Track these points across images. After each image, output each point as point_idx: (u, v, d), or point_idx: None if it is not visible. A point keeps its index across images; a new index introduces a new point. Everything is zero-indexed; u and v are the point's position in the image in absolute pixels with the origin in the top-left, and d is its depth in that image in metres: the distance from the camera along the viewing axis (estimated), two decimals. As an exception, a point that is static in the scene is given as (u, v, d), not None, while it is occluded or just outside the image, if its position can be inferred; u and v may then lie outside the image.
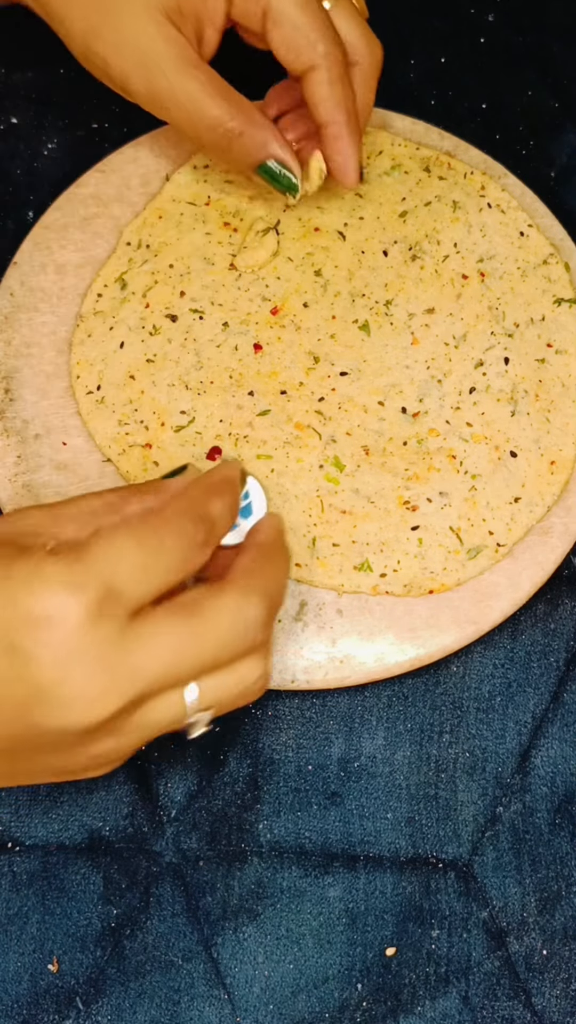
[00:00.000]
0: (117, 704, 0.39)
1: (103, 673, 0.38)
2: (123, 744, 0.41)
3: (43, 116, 0.63)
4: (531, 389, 0.56)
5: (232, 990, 0.48)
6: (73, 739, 0.40)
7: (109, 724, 0.39)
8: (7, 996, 0.48)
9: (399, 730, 0.52)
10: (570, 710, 0.53)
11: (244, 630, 0.41)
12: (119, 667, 0.39)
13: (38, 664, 0.38)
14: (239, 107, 0.51)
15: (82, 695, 0.38)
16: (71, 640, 0.38)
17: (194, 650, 0.40)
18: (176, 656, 0.40)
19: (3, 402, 0.55)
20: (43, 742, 0.40)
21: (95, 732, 0.40)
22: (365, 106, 0.55)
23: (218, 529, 0.42)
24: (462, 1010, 0.48)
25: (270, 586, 0.42)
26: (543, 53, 0.66)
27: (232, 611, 0.41)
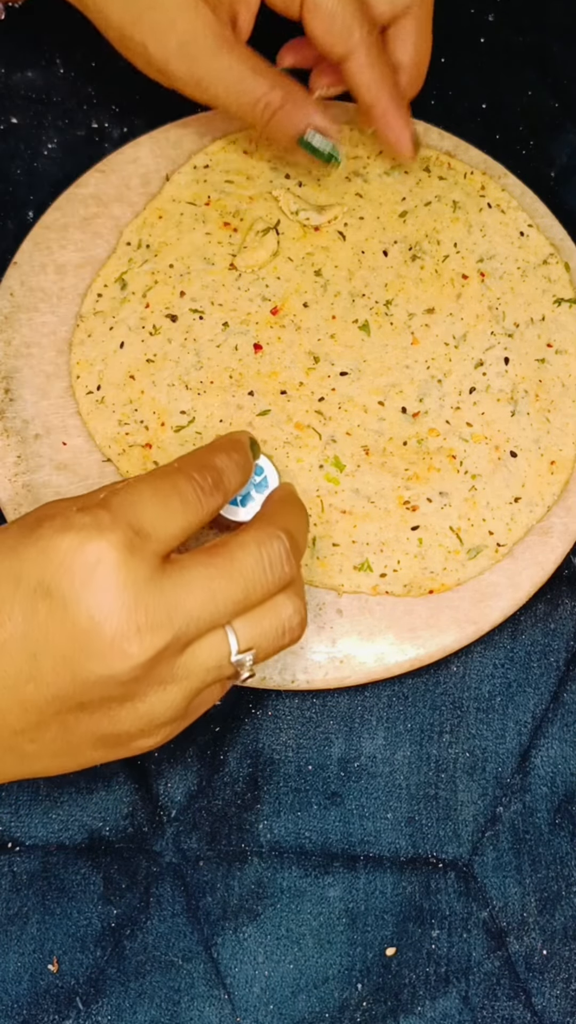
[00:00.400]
0: (158, 642, 0.39)
1: (141, 611, 0.39)
2: (170, 698, 0.41)
3: (43, 116, 0.63)
4: (531, 389, 0.56)
5: (232, 990, 0.48)
6: (119, 690, 0.40)
7: (153, 669, 0.40)
8: (7, 996, 0.48)
9: (399, 730, 0.52)
10: (570, 710, 0.53)
11: (270, 563, 0.42)
12: (156, 605, 0.40)
13: (76, 606, 0.39)
14: (279, 81, 0.53)
15: (123, 634, 0.39)
16: (107, 580, 0.39)
17: (226, 586, 0.41)
18: (210, 593, 0.41)
19: (3, 402, 0.55)
20: (90, 698, 0.40)
21: (140, 679, 0.40)
22: (423, 54, 0.56)
23: (226, 478, 0.44)
24: (462, 1010, 0.48)
25: (289, 524, 0.44)
26: (543, 53, 0.66)
27: (255, 546, 0.42)
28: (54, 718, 0.40)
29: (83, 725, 0.41)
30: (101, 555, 0.39)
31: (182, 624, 0.40)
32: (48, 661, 0.39)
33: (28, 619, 0.39)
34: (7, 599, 0.40)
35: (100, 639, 0.39)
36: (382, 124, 0.55)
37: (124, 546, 0.39)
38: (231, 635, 0.42)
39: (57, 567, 0.39)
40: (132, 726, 0.41)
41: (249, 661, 0.43)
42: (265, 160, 0.60)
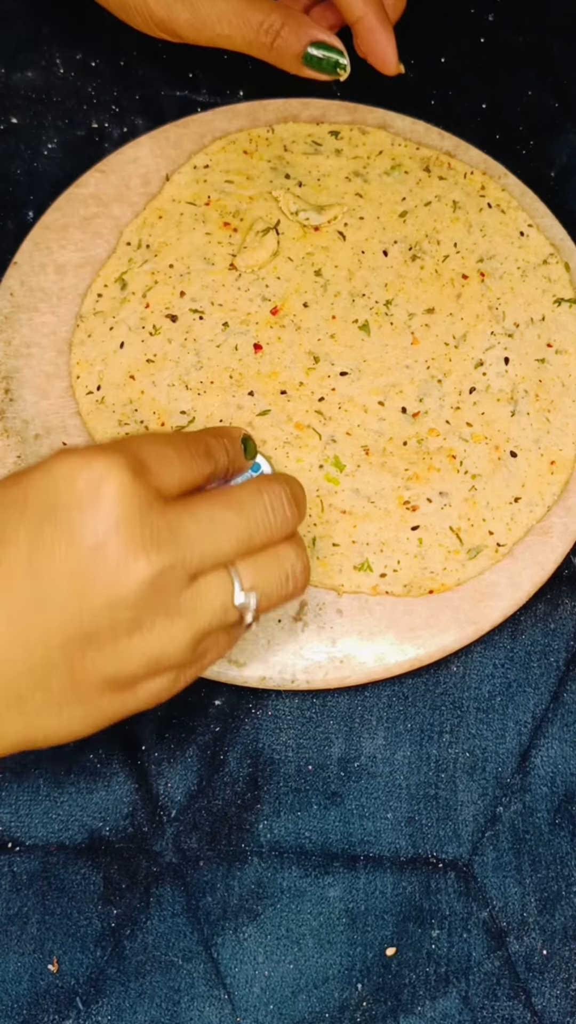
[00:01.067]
0: (163, 560, 0.40)
1: (146, 529, 0.40)
2: (177, 634, 0.41)
3: (43, 116, 0.63)
4: (531, 389, 0.56)
5: (232, 990, 0.48)
6: (126, 615, 0.40)
7: (158, 593, 0.40)
8: (7, 996, 0.48)
9: (399, 730, 0.52)
10: (570, 710, 0.53)
11: (272, 505, 0.43)
12: (160, 526, 0.40)
13: (81, 525, 0.39)
14: (274, 6, 0.55)
15: (128, 550, 0.39)
16: (111, 497, 0.39)
17: (229, 519, 0.42)
18: (212, 524, 0.41)
19: (3, 402, 0.55)
20: (97, 627, 0.39)
21: (146, 602, 0.40)
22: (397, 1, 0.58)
23: (215, 454, 0.45)
24: (462, 1010, 0.48)
25: (287, 479, 0.45)
26: (543, 53, 0.66)
27: (257, 489, 0.44)
28: (60, 655, 0.40)
29: (89, 663, 0.40)
30: (105, 474, 0.40)
31: (186, 547, 0.41)
32: (54, 585, 0.39)
33: (33, 543, 0.39)
34: (12, 525, 0.40)
35: (105, 557, 0.39)
36: (368, 39, 0.56)
37: (128, 466, 0.40)
38: (234, 575, 0.42)
39: (61, 487, 0.40)
40: (139, 664, 0.41)
41: (253, 604, 0.43)
42: (265, 160, 0.60)
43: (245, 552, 0.43)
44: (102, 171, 0.60)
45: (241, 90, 0.63)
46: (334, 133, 0.60)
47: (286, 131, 0.61)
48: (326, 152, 0.60)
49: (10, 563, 0.39)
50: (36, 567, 0.39)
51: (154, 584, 0.40)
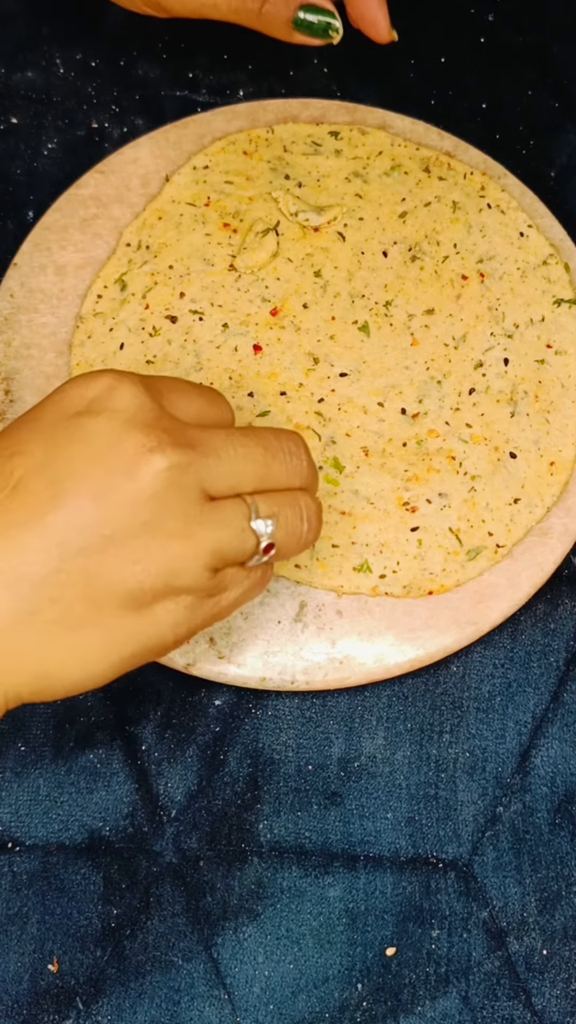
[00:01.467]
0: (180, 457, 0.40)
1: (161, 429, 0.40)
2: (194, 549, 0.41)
3: (43, 116, 0.63)
4: (531, 390, 0.56)
5: (232, 990, 0.48)
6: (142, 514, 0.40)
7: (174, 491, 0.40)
8: (7, 996, 0.48)
9: (399, 730, 0.52)
10: (570, 710, 0.53)
11: (288, 449, 0.44)
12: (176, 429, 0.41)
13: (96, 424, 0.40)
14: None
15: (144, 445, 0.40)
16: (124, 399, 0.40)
17: (246, 443, 0.42)
18: (230, 443, 0.42)
19: (3, 403, 0.55)
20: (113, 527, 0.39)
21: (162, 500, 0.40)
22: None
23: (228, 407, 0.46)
24: (462, 1010, 0.48)
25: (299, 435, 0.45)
26: (543, 53, 0.66)
27: (275, 433, 0.44)
28: (76, 560, 0.39)
29: (106, 572, 0.39)
30: (117, 383, 0.40)
31: (203, 457, 0.41)
32: (70, 484, 0.39)
33: (48, 449, 0.40)
34: (26, 438, 0.40)
35: (120, 453, 0.39)
36: (360, 5, 0.55)
37: (140, 381, 0.41)
38: (250, 501, 0.42)
39: (73, 396, 0.40)
40: (155, 574, 0.40)
41: (269, 529, 0.43)
42: (265, 161, 0.60)
43: (261, 487, 0.43)
44: (102, 172, 0.60)
45: (241, 90, 0.63)
46: (334, 133, 0.60)
47: (286, 132, 0.61)
48: (326, 153, 0.60)
49: (25, 470, 0.39)
50: (51, 471, 0.39)
51: (170, 478, 0.40)
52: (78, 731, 0.51)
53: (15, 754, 0.51)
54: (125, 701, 0.52)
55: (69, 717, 0.52)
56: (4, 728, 0.51)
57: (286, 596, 0.52)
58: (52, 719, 0.52)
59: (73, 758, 0.51)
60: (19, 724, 0.51)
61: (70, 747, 0.51)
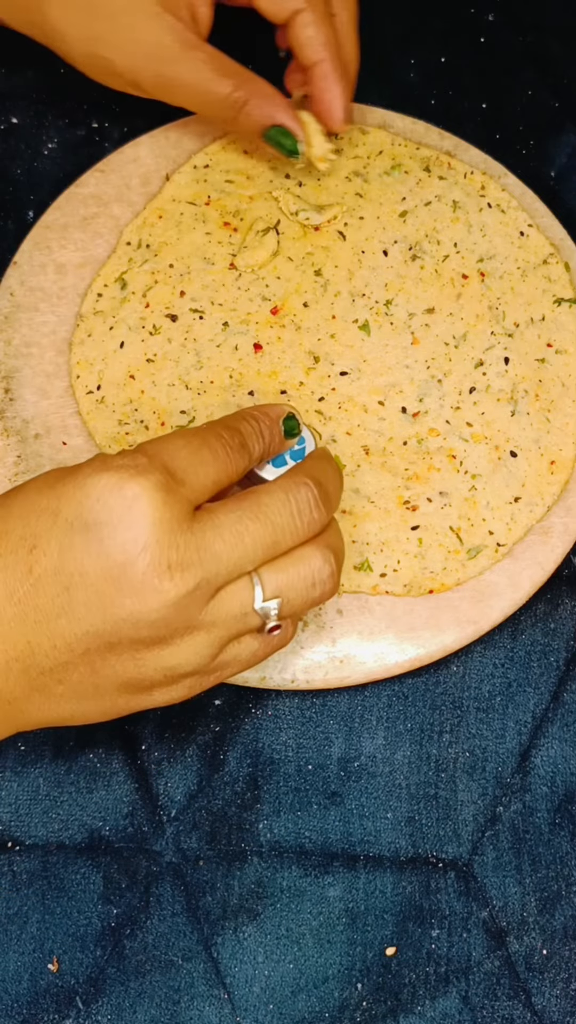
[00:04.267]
0: (189, 582, 0.41)
1: (173, 549, 0.40)
2: (196, 647, 0.42)
3: (43, 116, 0.63)
4: (531, 389, 0.56)
5: (232, 990, 0.48)
6: (147, 631, 0.41)
7: (182, 611, 0.41)
8: (7, 996, 0.48)
9: (399, 730, 0.52)
10: (570, 710, 0.53)
11: (297, 508, 0.44)
12: (188, 545, 0.41)
13: (111, 541, 0.40)
14: (243, 79, 0.54)
15: (155, 570, 0.40)
16: (143, 516, 0.40)
17: (254, 529, 0.42)
18: (238, 536, 0.42)
19: (3, 402, 0.55)
20: (119, 638, 0.41)
21: (169, 620, 0.41)
22: (352, 54, 0.57)
23: (250, 445, 0.45)
24: (462, 1010, 0.48)
25: (318, 475, 0.45)
26: (543, 53, 0.66)
27: (283, 492, 0.44)
28: (82, 658, 0.41)
29: (109, 667, 0.42)
30: (139, 493, 0.40)
31: (211, 566, 0.41)
32: (81, 595, 0.40)
33: (63, 553, 0.40)
34: (44, 533, 0.41)
35: (133, 574, 0.40)
36: (319, 87, 0.55)
37: (160, 486, 0.41)
38: (256, 582, 0.43)
39: (95, 502, 0.40)
40: (156, 672, 0.42)
41: (274, 610, 0.43)
42: (265, 160, 0.60)
43: (270, 557, 0.43)
44: (102, 171, 0.60)
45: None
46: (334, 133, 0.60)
47: (286, 131, 0.61)
48: (326, 152, 0.60)
49: (40, 570, 0.41)
50: (65, 577, 0.40)
51: (178, 604, 0.41)
52: (78, 731, 0.51)
53: (15, 753, 0.51)
54: (125, 700, 0.52)
55: (69, 716, 0.52)
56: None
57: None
58: (52, 718, 0.52)
59: (73, 757, 0.51)
60: (19, 723, 0.51)
61: (70, 747, 0.51)
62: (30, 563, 0.41)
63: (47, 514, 0.41)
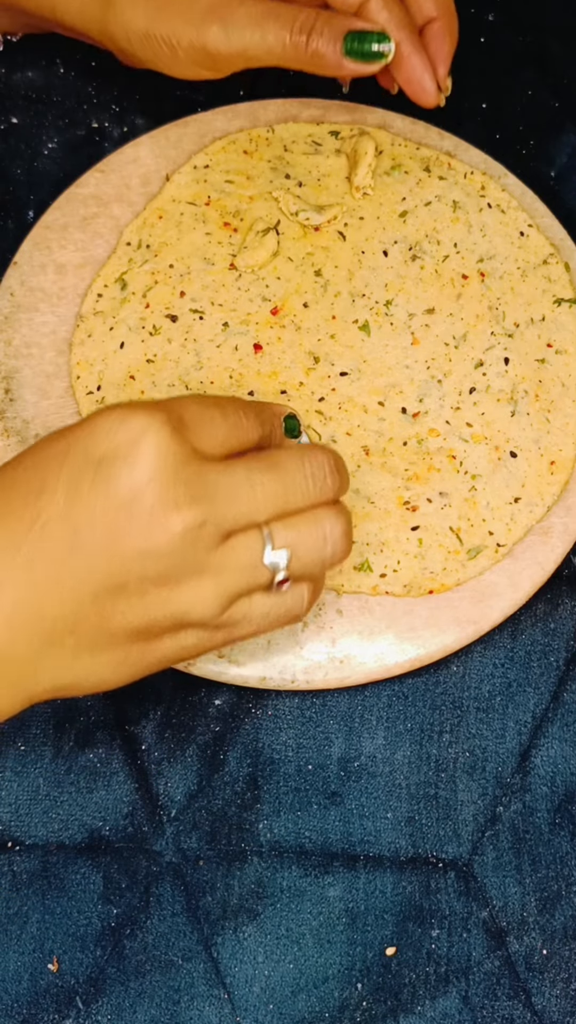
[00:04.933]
0: (196, 516, 0.40)
1: (180, 486, 0.40)
2: (204, 592, 0.42)
3: (43, 116, 0.63)
4: (531, 389, 0.56)
5: (232, 990, 0.48)
6: (156, 567, 0.41)
7: (189, 548, 0.41)
8: (7, 996, 0.48)
9: (399, 730, 0.52)
10: (570, 710, 0.53)
11: (312, 471, 0.44)
12: (195, 482, 0.41)
13: (118, 478, 0.40)
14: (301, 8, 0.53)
15: (162, 505, 0.40)
16: (149, 452, 0.40)
17: (265, 479, 0.42)
18: (248, 483, 0.42)
19: (3, 402, 0.55)
20: (127, 578, 0.41)
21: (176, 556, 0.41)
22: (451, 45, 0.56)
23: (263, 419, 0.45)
24: (462, 1010, 0.48)
25: (330, 450, 0.45)
26: (543, 53, 0.66)
27: (299, 454, 0.44)
28: (92, 604, 0.41)
29: (119, 613, 0.41)
30: (145, 425, 0.40)
31: (220, 506, 0.41)
32: (89, 534, 0.40)
33: (71, 494, 0.40)
34: (52, 476, 0.41)
35: (139, 508, 0.40)
36: (406, 66, 0.55)
37: (167, 424, 0.41)
38: (266, 534, 0.43)
39: (101, 439, 0.41)
40: (165, 617, 0.42)
41: (283, 562, 0.43)
42: (265, 160, 0.60)
43: (280, 515, 0.43)
44: (102, 171, 0.60)
45: (241, 90, 0.63)
46: (334, 133, 0.60)
47: (286, 131, 0.61)
48: (326, 152, 0.60)
49: (48, 513, 0.40)
50: (72, 517, 0.40)
51: (185, 538, 0.41)
52: (78, 731, 0.51)
53: (15, 753, 0.51)
54: (125, 701, 0.52)
55: (69, 717, 0.52)
56: (4, 728, 0.51)
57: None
58: (52, 718, 0.52)
59: (73, 757, 0.51)
60: (19, 723, 0.51)
61: (70, 746, 0.51)
62: (38, 509, 0.41)
63: (56, 458, 0.41)
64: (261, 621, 0.45)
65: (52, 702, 0.51)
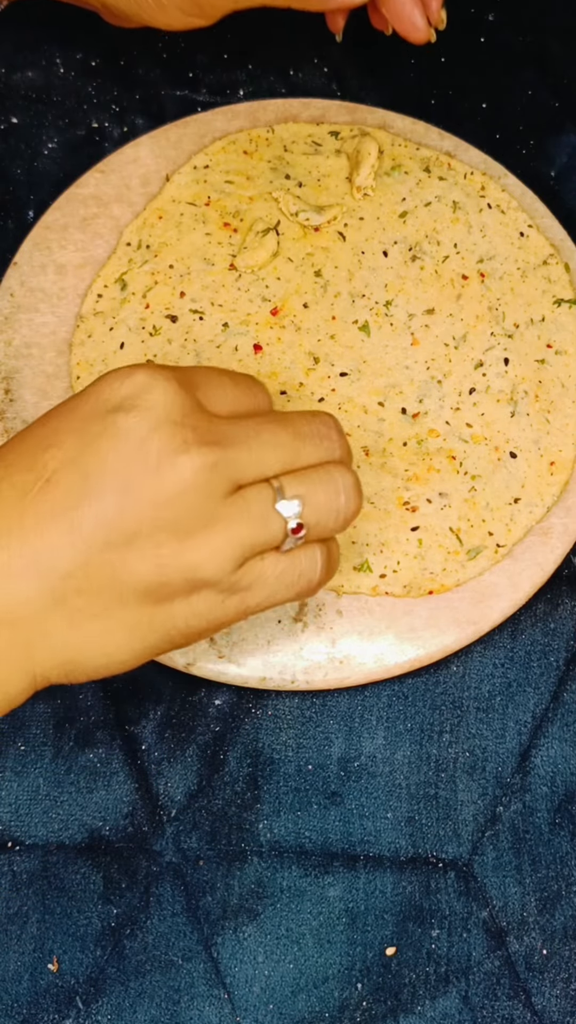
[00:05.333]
0: (206, 459, 0.40)
1: (188, 429, 0.41)
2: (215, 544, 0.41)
3: (43, 116, 0.63)
4: (531, 390, 0.56)
5: (232, 990, 0.48)
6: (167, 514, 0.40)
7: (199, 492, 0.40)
8: (7, 996, 0.48)
9: (399, 730, 0.52)
10: (570, 710, 0.53)
11: (319, 430, 0.44)
12: (204, 427, 0.41)
13: (126, 423, 0.40)
14: None
15: (171, 447, 0.40)
16: (156, 397, 0.41)
17: (275, 430, 0.43)
18: (257, 432, 0.42)
19: (3, 403, 0.55)
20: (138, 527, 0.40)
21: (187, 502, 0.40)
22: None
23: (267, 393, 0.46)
24: (462, 1010, 0.48)
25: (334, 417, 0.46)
26: (543, 53, 0.66)
27: (306, 414, 0.44)
28: (101, 555, 0.40)
29: (129, 568, 0.40)
30: (151, 380, 0.41)
31: (229, 451, 0.41)
32: (98, 481, 0.40)
33: (80, 443, 0.40)
34: (62, 429, 0.41)
35: (148, 453, 0.40)
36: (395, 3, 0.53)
37: (173, 378, 0.41)
38: (276, 485, 0.42)
39: (108, 393, 0.41)
40: (177, 571, 0.41)
41: (295, 511, 0.42)
42: (265, 160, 0.60)
43: (291, 468, 0.43)
44: (102, 171, 0.60)
45: (241, 90, 0.63)
46: (334, 133, 0.60)
47: (286, 131, 0.61)
48: (326, 152, 0.60)
49: (56, 463, 0.40)
50: (83, 466, 0.40)
51: (196, 482, 0.40)
52: (78, 730, 0.51)
53: (15, 753, 0.51)
54: (125, 700, 0.52)
55: (69, 716, 0.52)
56: (4, 727, 0.51)
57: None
58: (52, 718, 0.52)
59: (73, 757, 0.51)
60: (19, 723, 0.51)
61: (70, 746, 0.51)
62: (45, 460, 0.40)
63: (63, 416, 0.42)
64: (275, 584, 0.43)
65: (52, 702, 0.51)
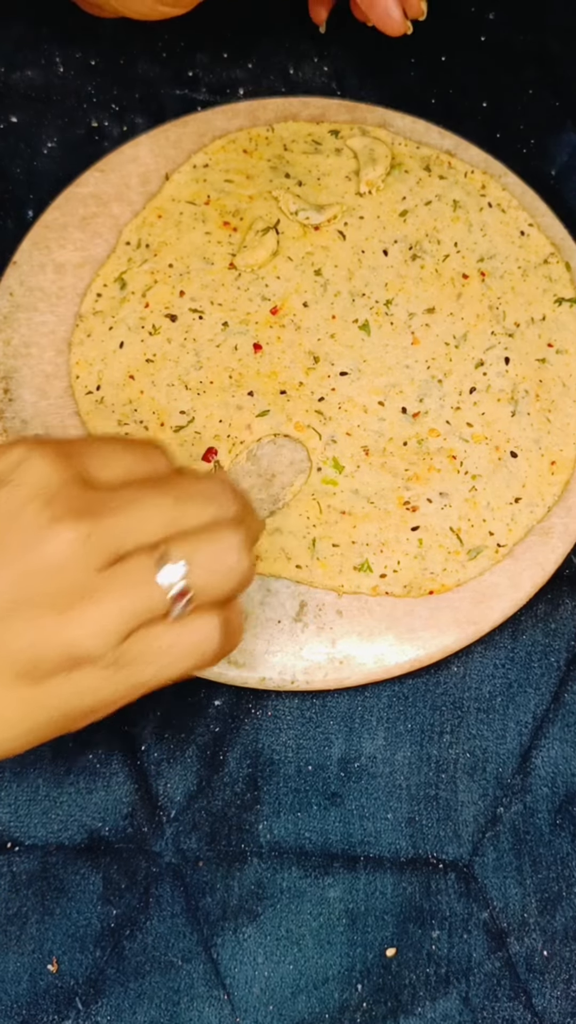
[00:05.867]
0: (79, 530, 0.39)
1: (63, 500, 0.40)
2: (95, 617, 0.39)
3: (43, 116, 0.63)
4: (531, 389, 0.56)
5: (232, 990, 0.48)
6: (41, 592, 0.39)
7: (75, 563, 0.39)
8: (7, 996, 0.48)
9: (399, 730, 0.52)
10: (571, 710, 0.53)
11: (208, 493, 0.42)
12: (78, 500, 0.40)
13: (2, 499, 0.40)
14: None
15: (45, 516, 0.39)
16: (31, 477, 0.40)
17: (156, 496, 0.41)
18: (138, 500, 0.41)
19: (2, 402, 0.55)
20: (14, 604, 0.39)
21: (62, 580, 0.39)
22: None
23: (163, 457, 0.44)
24: (462, 1011, 0.48)
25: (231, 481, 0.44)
26: (543, 52, 0.66)
27: (194, 476, 0.43)
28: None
29: (4, 642, 0.39)
30: (28, 454, 0.40)
31: (106, 520, 0.40)
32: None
33: None
34: None
35: (21, 526, 0.39)
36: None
37: (51, 451, 0.41)
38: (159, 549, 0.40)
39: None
40: (55, 647, 0.39)
41: (178, 576, 0.40)
42: (265, 159, 0.60)
43: (175, 534, 0.41)
44: (101, 170, 0.60)
45: (241, 89, 0.63)
46: (334, 132, 0.60)
47: (286, 130, 0.61)
48: (326, 151, 0.60)
49: None
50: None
51: (70, 554, 0.39)
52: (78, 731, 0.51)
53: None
54: (125, 701, 0.52)
55: (68, 717, 0.52)
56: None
57: (286, 596, 0.52)
58: (51, 719, 0.51)
59: (73, 758, 0.51)
60: (18, 724, 0.51)
61: (70, 747, 0.51)
62: None
63: None
64: (163, 658, 0.41)
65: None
